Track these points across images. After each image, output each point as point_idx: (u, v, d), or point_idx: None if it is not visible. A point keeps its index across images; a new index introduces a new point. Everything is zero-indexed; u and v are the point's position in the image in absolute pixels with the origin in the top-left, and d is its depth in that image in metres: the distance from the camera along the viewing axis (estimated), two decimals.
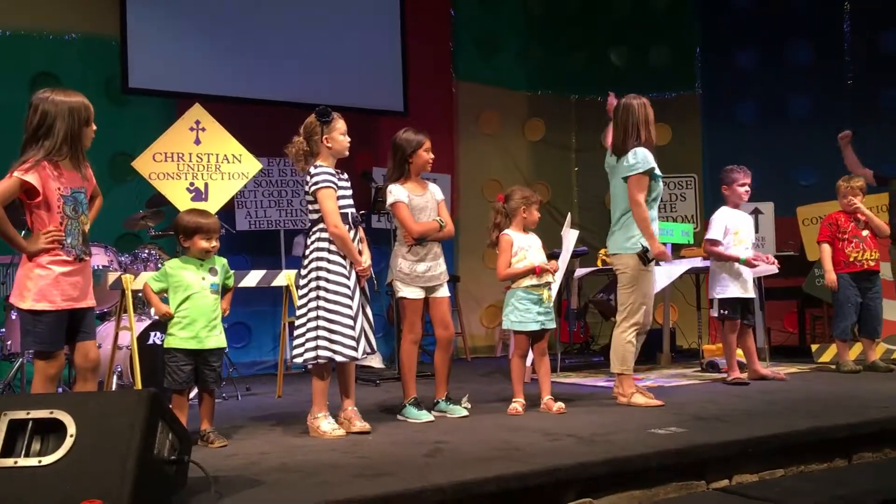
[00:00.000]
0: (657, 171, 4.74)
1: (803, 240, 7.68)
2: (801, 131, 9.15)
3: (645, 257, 4.69)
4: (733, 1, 9.65)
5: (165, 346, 3.92)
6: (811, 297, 7.42)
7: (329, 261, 4.02)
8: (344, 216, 4.05)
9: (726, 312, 5.66)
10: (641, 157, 4.68)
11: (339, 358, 3.97)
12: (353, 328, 3.97)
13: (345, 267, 4.03)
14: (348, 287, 4.01)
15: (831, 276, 6.08)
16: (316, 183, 4.01)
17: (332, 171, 4.08)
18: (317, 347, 3.96)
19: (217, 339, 3.96)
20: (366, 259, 4.13)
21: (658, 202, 4.86)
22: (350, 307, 3.98)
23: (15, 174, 3.32)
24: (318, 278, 4.00)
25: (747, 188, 5.80)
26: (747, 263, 5.61)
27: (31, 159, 3.35)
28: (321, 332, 3.95)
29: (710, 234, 5.75)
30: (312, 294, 4.00)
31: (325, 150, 4.10)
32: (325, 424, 3.98)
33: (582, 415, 4.43)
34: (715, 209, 5.99)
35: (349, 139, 4.15)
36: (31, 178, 3.33)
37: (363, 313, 4.11)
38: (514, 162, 9.48)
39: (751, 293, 5.74)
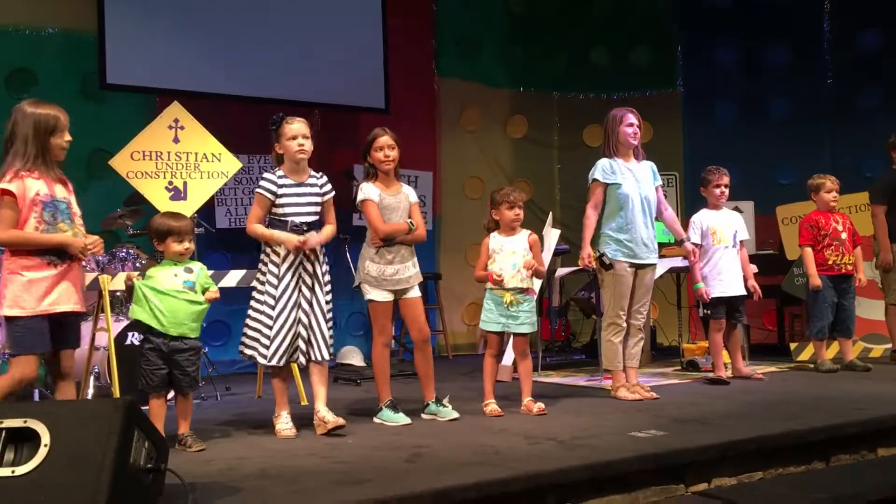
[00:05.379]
0: (609, 181, 5.04)
1: (782, 239, 7.73)
2: (782, 130, 9.22)
3: (602, 262, 5.01)
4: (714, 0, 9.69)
5: (130, 314, 3.91)
6: (790, 296, 7.47)
7: (265, 264, 4.14)
8: (283, 224, 4.11)
9: (709, 312, 5.70)
10: (597, 167, 5.10)
11: (251, 353, 4.12)
12: (267, 335, 4.04)
13: (276, 276, 4.08)
14: (272, 296, 4.06)
15: (816, 282, 6.05)
16: (256, 188, 4.20)
17: (276, 178, 4.14)
18: (243, 344, 4.15)
19: (189, 329, 3.83)
20: (311, 234, 4.12)
21: (626, 209, 5.02)
22: (269, 315, 4.05)
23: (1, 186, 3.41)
24: (257, 280, 4.18)
25: (723, 189, 5.82)
26: (698, 293, 5.70)
27: (9, 170, 3.44)
28: (246, 331, 4.14)
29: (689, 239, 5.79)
30: (252, 293, 4.18)
31: (284, 156, 4.19)
32: (279, 424, 4.13)
33: (562, 416, 4.44)
34: (696, 207, 6.03)
35: (303, 142, 4.12)
36: (12, 186, 3.41)
37: (311, 320, 4.11)
38: (495, 159, 9.47)
39: (738, 290, 5.75)
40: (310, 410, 4.27)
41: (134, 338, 5.12)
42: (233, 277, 5.38)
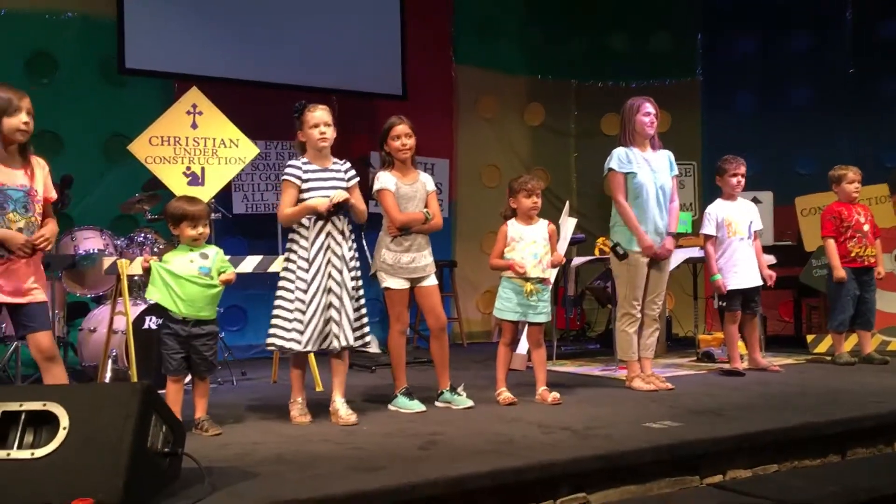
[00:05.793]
0: (624, 170, 4.98)
1: (801, 230, 7.66)
2: (801, 119, 9.12)
3: (615, 252, 4.98)
4: None
5: (147, 295, 3.93)
6: (808, 288, 7.41)
7: (293, 251, 4.13)
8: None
9: (724, 304, 5.67)
10: (613, 156, 5.04)
11: (288, 345, 4.07)
12: (300, 320, 4.03)
13: (306, 259, 4.07)
14: (304, 280, 4.05)
15: (840, 273, 5.99)
16: (283, 176, 4.19)
17: (300, 164, 4.15)
18: (271, 335, 4.12)
19: (206, 312, 3.88)
20: (337, 192, 4.11)
21: (641, 199, 4.98)
22: (302, 299, 4.04)
23: None
24: (285, 269, 4.15)
25: (739, 179, 5.78)
26: (715, 285, 5.68)
27: None
28: (274, 320, 4.11)
29: (703, 230, 5.81)
30: (279, 282, 4.15)
31: (307, 144, 4.20)
32: (295, 410, 4.13)
33: (577, 406, 4.43)
34: (714, 197, 5.99)
35: (325, 130, 4.13)
36: None
37: (339, 306, 4.08)
38: (512, 147, 9.43)
39: (754, 282, 5.72)
40: (325, 396, 4.29)
41: (151, 322, 5.16)
42: (249, 263, 5.39)
